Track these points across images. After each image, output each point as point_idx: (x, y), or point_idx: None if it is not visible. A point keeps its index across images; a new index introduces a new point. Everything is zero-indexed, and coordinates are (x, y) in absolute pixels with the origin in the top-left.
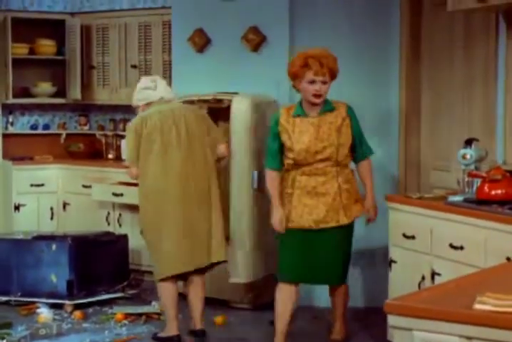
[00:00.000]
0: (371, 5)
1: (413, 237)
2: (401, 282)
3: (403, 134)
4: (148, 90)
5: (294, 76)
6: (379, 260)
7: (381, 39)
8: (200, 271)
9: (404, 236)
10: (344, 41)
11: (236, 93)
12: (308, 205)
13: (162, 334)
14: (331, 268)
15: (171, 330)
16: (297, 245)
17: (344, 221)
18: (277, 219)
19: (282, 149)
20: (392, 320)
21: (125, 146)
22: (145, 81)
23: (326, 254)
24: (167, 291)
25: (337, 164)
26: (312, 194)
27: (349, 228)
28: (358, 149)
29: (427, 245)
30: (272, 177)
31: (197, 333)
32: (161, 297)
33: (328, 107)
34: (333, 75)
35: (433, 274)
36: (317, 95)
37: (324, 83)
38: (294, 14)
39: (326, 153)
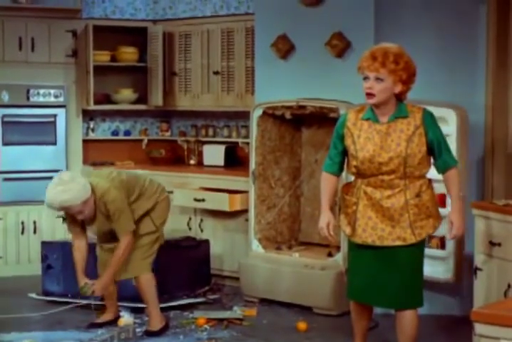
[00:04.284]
0: (457, 7)
1: (499, 245)
2: (486, 290)
3: (489, 136)
4: (87, 183)
5: (362, 75)
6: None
7: (467, 41)
8: None
9: (491, 243)
10: (430, 46)
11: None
12: (372, 219)
13: (156, 328)
14: (393, 290)
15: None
16: (360, 262)
17: (411, 240)
18: (324, 223)
19: (344, 153)
20: (479, 328)
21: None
22: (76, 178)
23: (389, 273)
24: (153, 282)
25: (405, 177)
26: (377, 207)
27: (417, 247)
28: (438, 159)
29: None
30: (325, 180)
31: None
32: (151, 289)
33: (401, 112)
34: (395, 74)
35: None
36: (368, 94)
37: (378, 80)
38: (379, 19)
39: (391, 165)
